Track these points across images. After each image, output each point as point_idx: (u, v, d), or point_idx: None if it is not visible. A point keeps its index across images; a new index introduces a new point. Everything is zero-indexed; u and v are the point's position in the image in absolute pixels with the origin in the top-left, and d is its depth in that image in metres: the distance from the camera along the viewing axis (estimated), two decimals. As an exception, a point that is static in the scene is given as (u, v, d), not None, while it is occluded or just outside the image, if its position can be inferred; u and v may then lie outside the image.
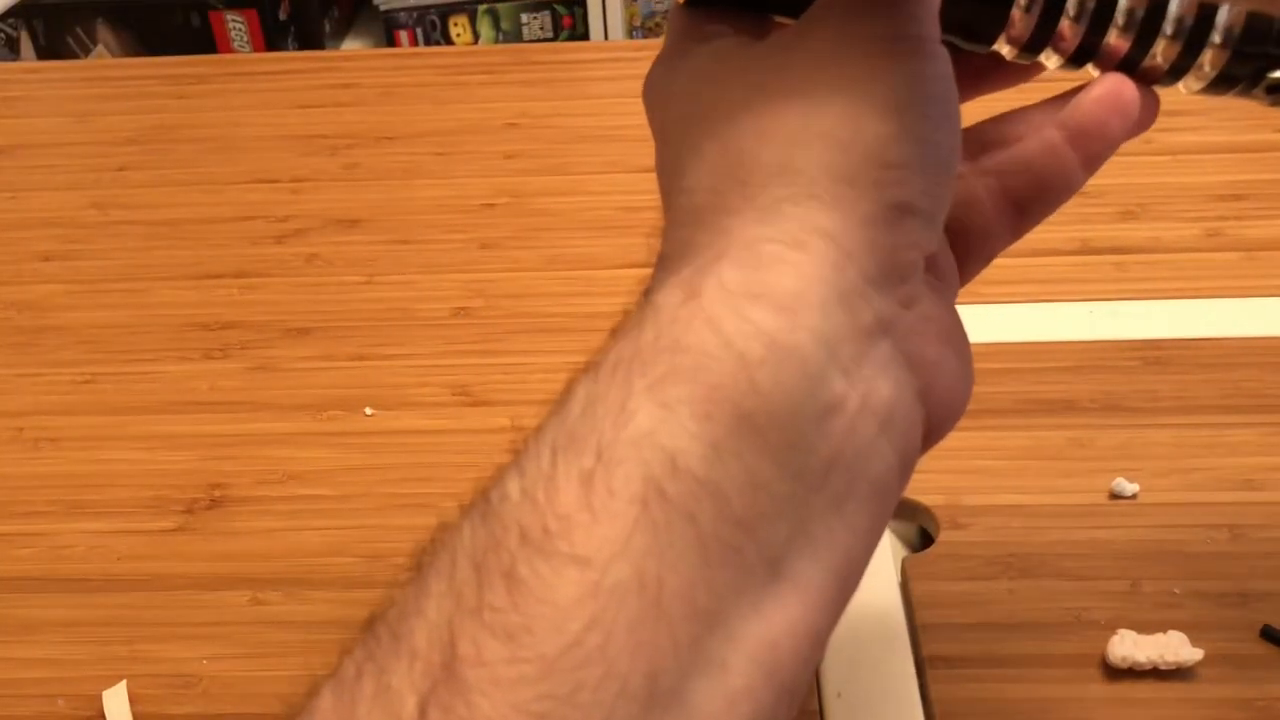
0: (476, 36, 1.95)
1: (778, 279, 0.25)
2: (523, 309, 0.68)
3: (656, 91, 0.31)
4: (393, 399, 0.62)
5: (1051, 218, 0.33)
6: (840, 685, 0.45)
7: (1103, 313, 0.64)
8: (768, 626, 0.24)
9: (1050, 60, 0.32)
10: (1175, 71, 0.31)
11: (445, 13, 1.93)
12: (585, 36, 1.94)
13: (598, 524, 0.23)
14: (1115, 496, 0.52)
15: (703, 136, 0.28)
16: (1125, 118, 0.31)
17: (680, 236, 0.27)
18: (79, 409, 0.63)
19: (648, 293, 0.26)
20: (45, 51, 1.74)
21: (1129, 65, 0.31)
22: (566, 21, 1.97)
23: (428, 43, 1.94)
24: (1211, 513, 0.51)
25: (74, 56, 1.72)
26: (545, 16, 1.96)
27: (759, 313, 0.24)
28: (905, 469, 0.27)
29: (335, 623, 0.49)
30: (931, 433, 0.28)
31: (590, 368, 0.26)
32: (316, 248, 0.75)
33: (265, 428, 0.61)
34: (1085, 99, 0.31)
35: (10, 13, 1.66)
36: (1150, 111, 0.32)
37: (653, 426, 0.23)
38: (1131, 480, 0.52)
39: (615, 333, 0.26)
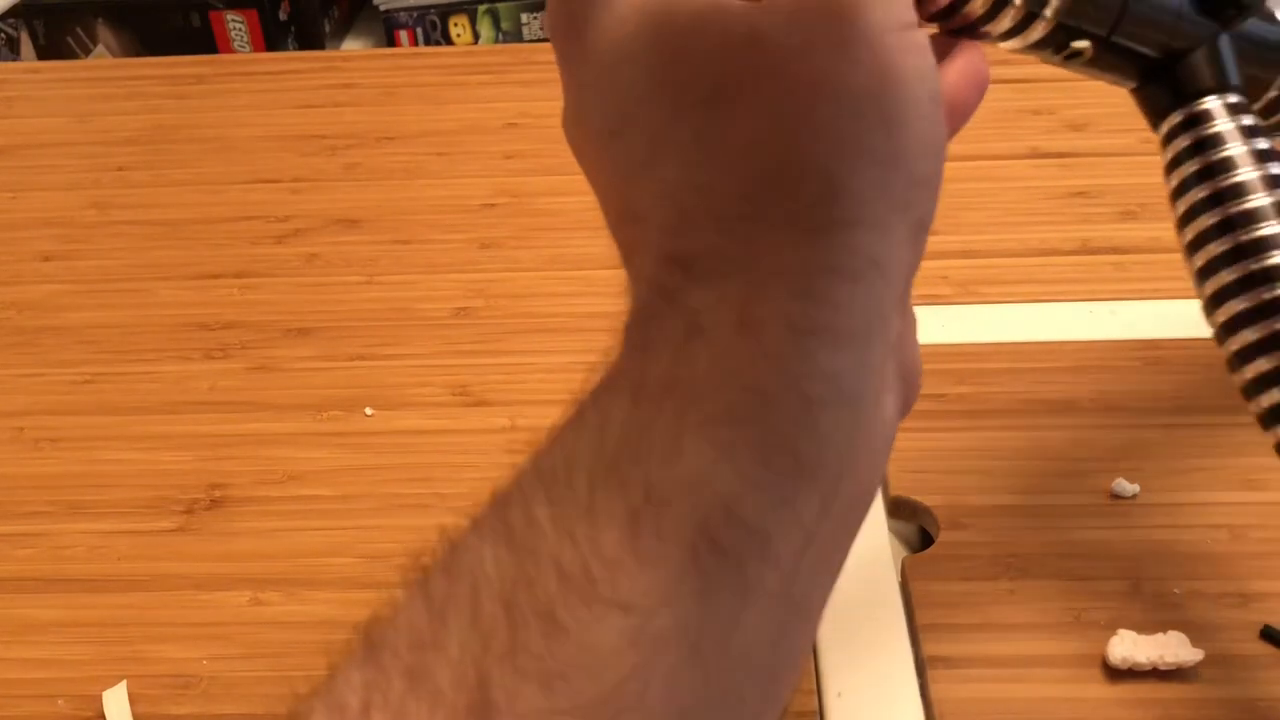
0: (476, 36, 1.95)
1: (838, 316, 0.24)
2: (523, 309, 0.68)
3: (588, 51, 0.27)
4: (393, 399, 0.62)
5: (1051, 218, 0.33)
6: (840, 685, 0.45)
7: (1103, 313, 0.64)
8: (779, 658, 0.24)
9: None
10: (1010, 34, 0.31)
11: (445, 13, 1.92)
12: (585, 36, 1.94)
13: (644, 570, 0.22)
14: (1115, 496, 0.52)
15: (698, 122, 0.25)
16: (982, 91, 0.31)
17: (703, 240, 0.25)
18: (79, 409, 0.63)
19: (667, 294, 0.24)
20: (45, 51, 1.73)
21: (971, 28, 0.31)
22: (566, 21, 1.96)
23: (428, 43, 1.94)
24: (1211, 513, 0.51)
25: (74, 56, 1.71)
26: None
27: (823, 352, 0.23)
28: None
29: (335, 623, 0.49)
30: None
31: (620, 386, 0.24)
32: (316, 248, 0.75)
33: (265, 428, 0.61)
34: (949, 73, 0.30)
35: (10, 13, 1.66)
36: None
37: (706, 468, 0.22)
38: (1131, 480, 0.52)
39: (635, 340, 0.25)
